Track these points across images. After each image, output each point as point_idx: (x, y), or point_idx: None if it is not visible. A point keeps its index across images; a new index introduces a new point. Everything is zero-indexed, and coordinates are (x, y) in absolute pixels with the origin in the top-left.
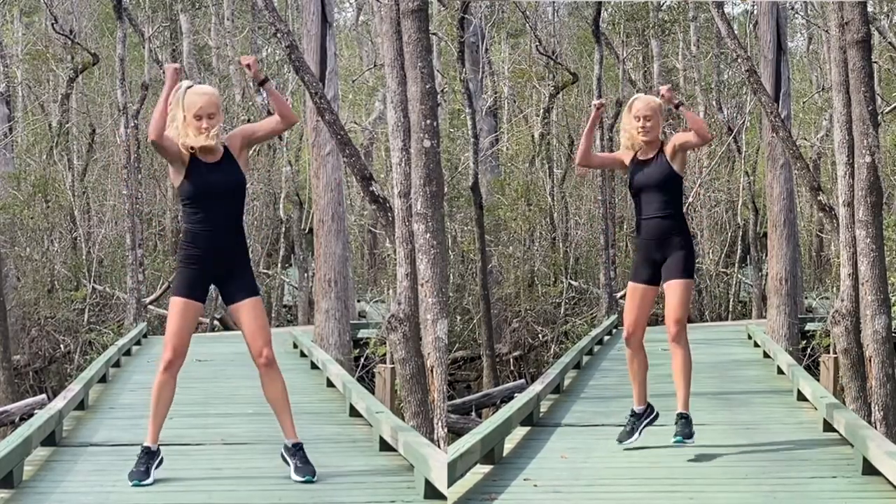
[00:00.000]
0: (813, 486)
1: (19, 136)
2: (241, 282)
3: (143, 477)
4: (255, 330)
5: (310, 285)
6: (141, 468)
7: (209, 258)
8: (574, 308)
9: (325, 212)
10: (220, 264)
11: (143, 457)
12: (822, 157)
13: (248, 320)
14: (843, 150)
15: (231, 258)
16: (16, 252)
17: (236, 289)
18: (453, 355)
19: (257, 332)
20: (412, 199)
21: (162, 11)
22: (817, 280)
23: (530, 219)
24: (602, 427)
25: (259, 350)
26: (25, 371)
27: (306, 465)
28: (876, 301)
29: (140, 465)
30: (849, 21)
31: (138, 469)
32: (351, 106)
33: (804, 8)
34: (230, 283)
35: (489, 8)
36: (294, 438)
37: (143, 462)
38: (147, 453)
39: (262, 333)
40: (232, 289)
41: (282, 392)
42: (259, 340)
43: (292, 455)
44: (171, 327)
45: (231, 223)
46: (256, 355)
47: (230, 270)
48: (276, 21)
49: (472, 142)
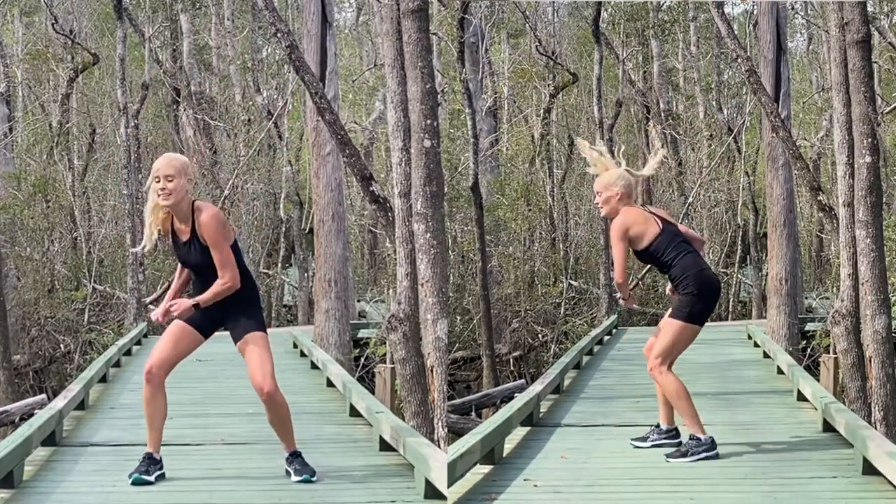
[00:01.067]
0: (813, 486)
1: (19, 136)
2: (240, 322)
3: (144, 475)
4: (255, 367)
5: (310, 285)
6: (142, 468)
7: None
8: (574, 308)
9: (325, 212)
10: (216, 309)
11: (146, 461)
12: (822, 157)
13: (248, 358)
14: (843, 150)
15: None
16: (16, 252)
17: (235, 329)
18: (453, 355)
19: (256, 368)
20: (412, 199)
21: (162, 11)
22: (817, 280)
23: (530, 219)
24: (602, 427)
25: (259, 386)
26: (25, 371)
27: (305, 467)
28: (876, 301)
29: (142, 465)
30: (849, 21)
31: (139, 469)
32: (351, 106)
33: (804, 8)
34: (230, 323)
35: (489, 8)
36: (292, 448)
37: (144, 464)
38: (149, 459)
39: (260, 369)
40: (232, 328)
41: (282, 419)
42: (258, 376)
43: (290, 462)
44: (158, 344)
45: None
46: (257, 390)
47: (228, 314)
48: (276, 21)
49: (472, 142)
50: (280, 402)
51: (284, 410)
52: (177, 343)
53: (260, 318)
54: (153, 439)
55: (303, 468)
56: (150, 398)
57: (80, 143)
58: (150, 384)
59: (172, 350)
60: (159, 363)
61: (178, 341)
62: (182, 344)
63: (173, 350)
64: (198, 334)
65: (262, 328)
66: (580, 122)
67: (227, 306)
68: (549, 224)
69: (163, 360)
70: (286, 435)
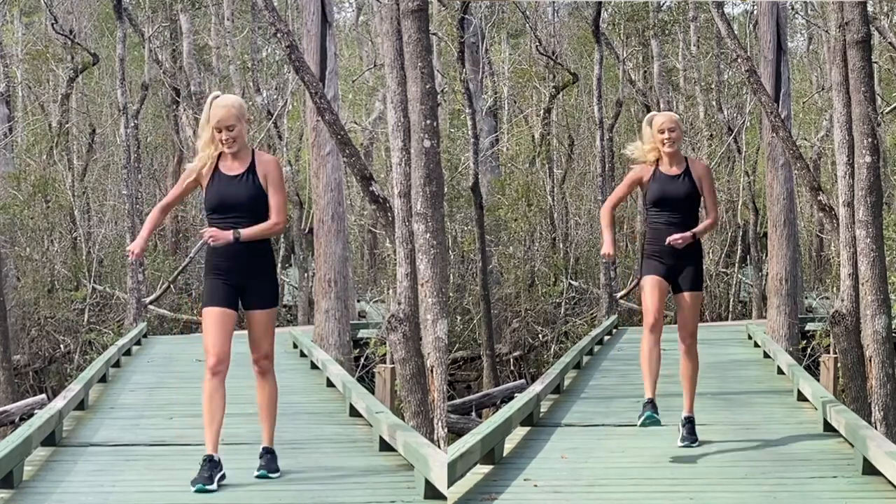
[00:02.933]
0: (813, 486)
1: (19, 136)
2: (258, 292)
3: (206, 482)
4: (258, 338)
5: (310, 285)
6: (205, 474)
7: (230, 268)
8: (574, 308)
9: (325, 212)
10: (241, 273)
11: (206, 465)
12: (822, 157)
13: (254, 328)
14: (843, 150)
15: (250, 268)
16: (16, 252)
17: (252, 299)
18: (453, 355)
19: (259, 340)
20: (412, 199)
21: (162, 11)
22: (817, 280)
23: (530, 219)
24: (602, 427)
25: (257, 358)
26: (25, 371)
27: (270, 465)
28: (876, 301)
29: (204, 471)
30: (849, 21)
31: (202, 475)
32: (351, 106)
33: (804, 8)
34: (248, 293)
35: (489, 8)
36: (268, 444)
37: (206, 469)
38: (210, 462)
39: (263, 343)
40: (248, 298)
41: (269, 399)
42: (259, 349)
43: (262, 456)
44: (208, 338)
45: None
46: (254, 361)
47: (250, 280)
48: (276, 21)
49: (472, 142)
50: (270, 383)
51: (272, 393)
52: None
53: (277, 291)
54: (210, 438)
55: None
56: (213, 391)
57: (79, 144)
58: (216, 378)
59: (222, 337)
60: (222, 355)
61: (218, 324)
62: (221, 324)
63: (222, 337)
64: (229, 311)
65: (276, 303)
66: (580, 122)
67: (252, 272)
68: (549, 224)
69: (226, 352)
70: (267, 423)
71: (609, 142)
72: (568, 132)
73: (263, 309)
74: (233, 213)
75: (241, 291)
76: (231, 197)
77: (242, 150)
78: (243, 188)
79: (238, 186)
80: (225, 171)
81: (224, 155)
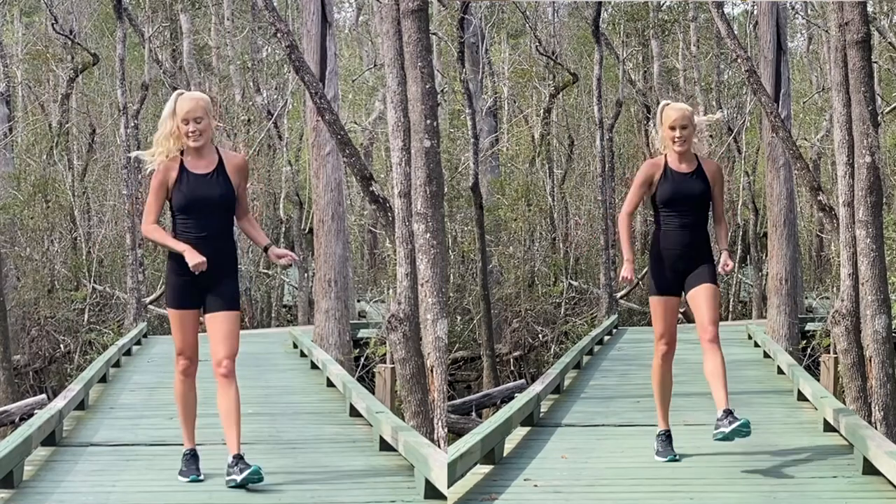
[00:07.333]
0: (813, 486)
1: (19, 136)
2: (223, 294)
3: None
4: (220, 340)
5: (310, 285)
6: (192, 466)
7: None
8: (574, 308)
9: (325, 212)
10: (207, 274)
11: (191, 458)
12: (822, 157)
13: (215, 330)
14: (843, 150)
15: (216, 270)
16: (16, 252)
17: (216, 300)
18: (453, 355)
19: (222, 342)
20: (412, 199)
21: (162, 11)
22: (817, 280)
23: (530, 219)
24: (602, 427)
25: (219, 360)
26: (25, 371)
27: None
28: (876, 301)
29: (191, 464)
30: (849, 21)
31: (190, 468)
32: (351, 106)
33: (804, 8)
34: (212, 294)
35: (489, 8)
36: (235, 451)
37: (192, 461)
38: (193, 455)
39: (226, 344)
40: (213, 300)
41: (232, 405)
42: (221, 351)
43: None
44: (176, 337)
45: (216, 233)
46: (216, 364)
47: (215, 282)
48: (276, 21)
49: (472, 142)
50: (232, 387)
51: (234, 398)
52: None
53: (239, 293)
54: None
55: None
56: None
57: (79, 144)
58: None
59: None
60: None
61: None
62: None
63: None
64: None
65: (237, 307)
66: (580, 122)
67: (218, 275)
68: (549, 224)
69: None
70: (232, 430)
71: (609, 142)
72: (568, 132)
73: (225, 310)
74: (205, 212)
75: (205, 292)
76: (203, 196)
77: (207, 146)
78: (215, 186)
79: (209, 185)
80: (192, 169)
81: (188, 152)
